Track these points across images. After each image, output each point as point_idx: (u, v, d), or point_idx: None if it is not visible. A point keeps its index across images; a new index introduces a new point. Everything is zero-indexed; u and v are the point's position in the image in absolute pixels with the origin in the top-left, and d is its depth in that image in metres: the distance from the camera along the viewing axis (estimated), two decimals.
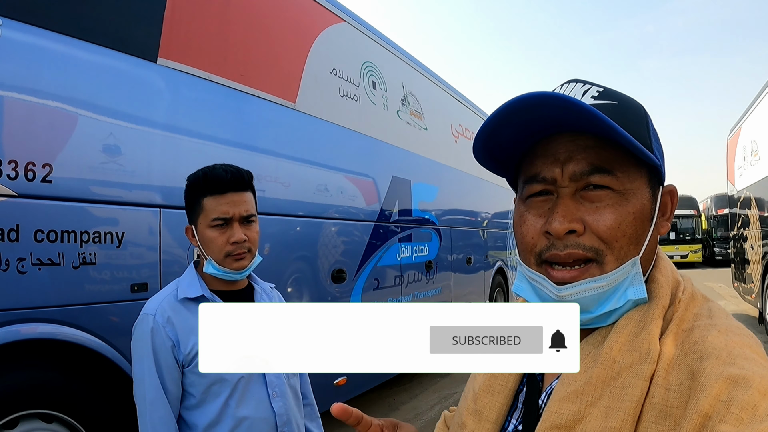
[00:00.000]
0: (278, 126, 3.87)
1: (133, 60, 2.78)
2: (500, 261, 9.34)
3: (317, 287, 4.24)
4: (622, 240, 0.71)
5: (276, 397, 1.75)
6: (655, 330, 0.69)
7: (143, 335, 1.63)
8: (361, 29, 5.13)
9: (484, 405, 0.83)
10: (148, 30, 2.87)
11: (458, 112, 7.78)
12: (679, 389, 0.63)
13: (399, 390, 6.35)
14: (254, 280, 1.93)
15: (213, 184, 1.70)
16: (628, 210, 0.71)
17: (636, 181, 0.73)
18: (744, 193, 10.56)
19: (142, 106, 2.82)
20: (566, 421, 0.68)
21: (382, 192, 5.27)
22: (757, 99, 9.42)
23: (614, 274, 0.70)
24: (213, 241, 1.70)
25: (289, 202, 3.94)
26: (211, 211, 1.69)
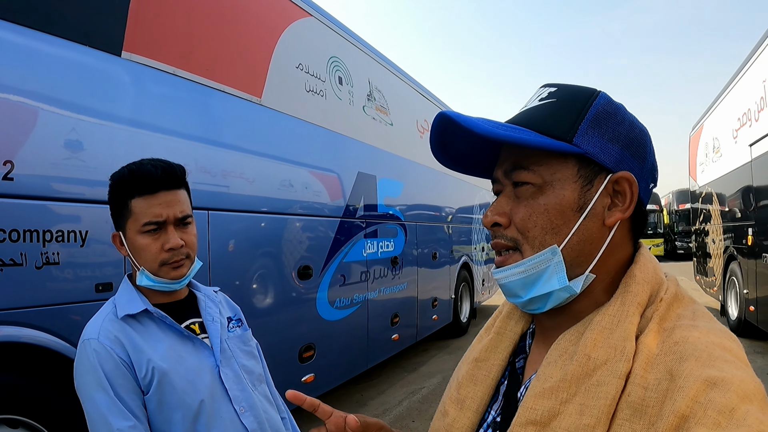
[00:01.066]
0: (244, 121, 3.82)
1: (97, 53, 2.70)
2: (465, 256, 9.44)
3: (283, 284, 4.22)
4: (534, 230, 0.75)
5: (245, 413, 1.58)
6: (630, 327, 0.69)
7: (90, 364, 1.40)
8: (328, 24, 5.10)
9: (466, 394, 0.85)
10: (112, 23, 2.79)
11: (424, 108, 7.82)
12: (656, 389, 0.63)
13: (366, 386, 6.37)
14: (195, 287, 1.73)
15: (142, 182, 1.48)
16: (540, 202, 0.75)
17: (558, 173, 0.75)
18: (706, 188, 10.87)
19: (106, 100, 2.75)
20: (541, 417, 0.68)
21: (348, 188, 5.26)
22: (719, 97, 9.73)
23: (531, 260, 0.75)
24: (146, 248, 1.50)
25: (254, 198, 3.91)
26: (142, 214, 1.48)
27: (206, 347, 1.59)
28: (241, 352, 1.69)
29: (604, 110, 0.75)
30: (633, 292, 0.72)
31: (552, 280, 0.74)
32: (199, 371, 1.53)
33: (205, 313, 1.66)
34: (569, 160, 0.75)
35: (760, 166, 7.18)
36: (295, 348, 4.33)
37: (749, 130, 7.66)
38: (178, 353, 1.51)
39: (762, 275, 7.23)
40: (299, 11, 4.61)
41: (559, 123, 0.75)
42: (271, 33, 4.20)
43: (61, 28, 2.53)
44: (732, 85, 8.76)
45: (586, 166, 0.75)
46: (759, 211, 7.35)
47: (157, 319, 1.53)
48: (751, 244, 7.68)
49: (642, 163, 0.77)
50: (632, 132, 0.76)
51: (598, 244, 0.75)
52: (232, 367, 1.62)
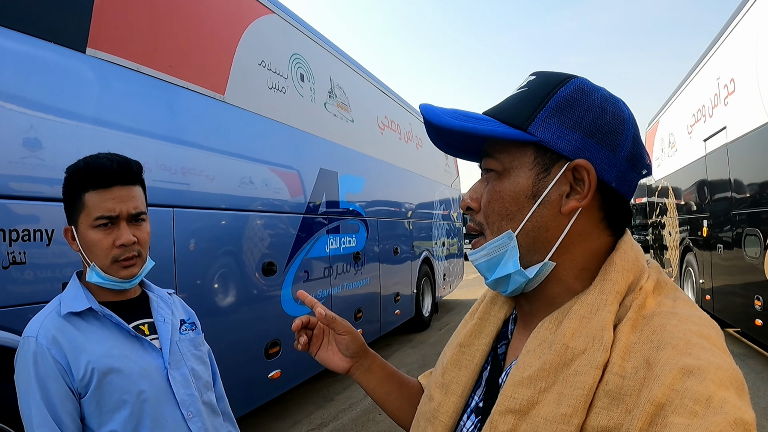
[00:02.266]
0: (207, 118, 3.80)
1: (61, 50, 2.66)
2: (426, 251, 9.53)
3: (248, 281, 4.21)
4: (493, 216, 0.79)
5: (192, 418, 1.55)
6: (608, 316, 0.69)
7: (25, 363, 1.37)
8: (290, 21, 5.10)
9: (451, 378, 0.86)
10: (77, 19, 2.75)
11: (384, 105, 7.87)
12: (634, 377, 0.63)
13: (332, 381, 6.41)
14: (148, 288, 1.69)
15: (96, 176, 1.45)
16: (496, 189, 0.78)
17: (516, 161, 0.76)
18: (662, 182, 11.15)
19: (70, 97, 2.70)
20: (520, 405, 0.69)
21: (310, 184, 5.27)
22: (674, 93, 10.01)
23: (490, 244, 0.78)
24: (97, 243, 1.46)
25: (219, 196, 3.90)
26: (94, 208, 1.45)
27: (154, 348, 1.56)
28: (192, 355, 1.66)
29: (570, 97, 0.75)
30: (611, 280, 0.72)
31: (508, 264, 0.76)
32: (145, 372, 1.49)
33: (157, 314, 1.62)
34: (527, 148, 0.76)
35: (714, 161, 7.40)
36: (261, 344, 4.34)
37: (704, 125, 7.88)
38: (123, 353, 1.47)
39: (717, 266, 7.44)
40: (262, 8, 4.60)
41: (520, 112, 0.76)
42: (234, 30, 4.18)
43: (25, 24, 2.49)
44: (687, 82, 9.00)
45: (543, 154, 0.75)
46: (713, 203, 7.56)
47: (103, 317, 1.49)
48: (706, 235, 7.92)
49: (613, 150, 0.74)
50: (601, 119, 0.74)
51: (556, 232, 0.75)
52: (181, 370, 1.58)
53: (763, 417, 4.88)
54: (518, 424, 0.68)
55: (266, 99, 4.55)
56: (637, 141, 0.77)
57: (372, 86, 7.45)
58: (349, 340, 1.06)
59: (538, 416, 0.67)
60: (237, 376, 3.94)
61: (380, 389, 1.09)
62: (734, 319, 6.96)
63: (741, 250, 6.30)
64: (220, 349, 3.72)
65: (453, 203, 11.67)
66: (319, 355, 1.10)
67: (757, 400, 5.28)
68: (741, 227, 6.33)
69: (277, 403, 5.42)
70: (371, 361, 1.09)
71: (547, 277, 0.77)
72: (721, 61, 7.12)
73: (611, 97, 0.77)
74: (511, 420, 0.69)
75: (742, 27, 6.28)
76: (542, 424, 0.66)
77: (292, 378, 4.86)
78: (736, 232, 6.53)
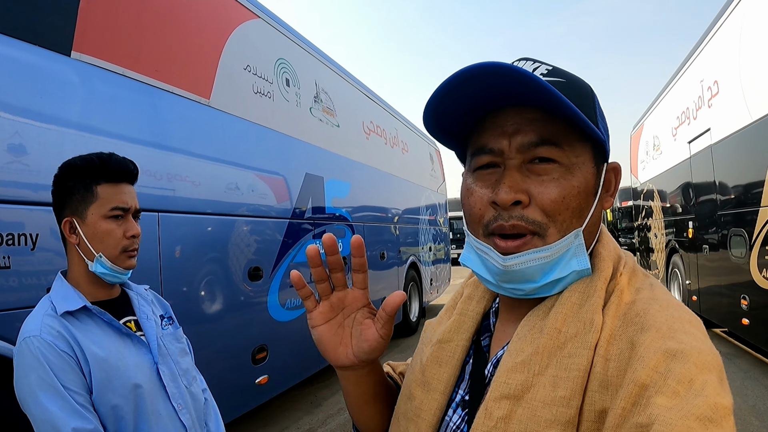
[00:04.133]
0: (193, 123, 3.78)
1: (46, 53, 2.64)
2: (413, 256, 9.54)
3: (234, 286, 4.19)
4: (565, 213, 0.72)
5: (182, 410, 1.62)
6: (598, 302, 0.70)
7: (34, 362, 1.36)
8: (276, 26, 5.10)
9: (432, 376, 0.84)
10: (62, 22, 2.73)
11: (370, 110, 7.88)
12: (618, 359, 0.64)
13: (321, 386, 6.39)
14: (127, 286, 1.73)
15: (113, 170, 1.55)
16: (573, 184, 0.73)
17: (581, 156, 0.74)
18: (647, 185, 11.25)
19: (55, 101, 2.68)
20: (515, 390, 0.69)
21: (296, 189, 5.27)
22: (659, 96, 10.11)
23: (557, 245, 0.72)
24: (110, 233, 1.52)
25: (203, 201, 3.87)
26: (109, 199, 1.53)
27: (144, 344, 1.61)
28: (176, 349, 1.73)
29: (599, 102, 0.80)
30: (599, 269, 0.74)
31: (572, 262, 0.73)
32: (139, 368, 1.54)
33: (140, 312, 1.67)
34: (587, 145, 0.75)
35: (699, 163, 7.49)
36: (248, 350, 4.32)
37: (688, 127, 7.97)
38: (118, 350, 1.51)
39: (703, 267, 7.52)
40: (247, 13, 4.60)
41: (585, 105, 0.75)
42: (220, 34, 4.18)
43: (9, 27, 2.47)
44: (671, 85, 9.10)
45: (598, 152, 0.77)
46: (699, 205, 7.63)
47: (96, 316, 1.52)
48: (691, 237, 7.99)
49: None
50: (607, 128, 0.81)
51: (598, 227, 0.80)
52: (168, 365, 1.65)
53: (752, 414, 4.94)
54: (514, 409, 0.68)
55: (252, 104, 4.55)
56: None
57: (357, 91, 7.46)
58: (377, 347, 0.84)
59: (535, 400, 0.67)
60: (224, 382, 3.92)
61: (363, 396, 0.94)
62: (721, 319, 7.03)
63: (727, 251, 6.37)
64: (207, 355, 3.71)
65: (439, 208, 11.69)
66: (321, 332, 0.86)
67: (745, 399, 5.35)
68: (726, 228, 6.40)
69: (265, 409, 5.40)
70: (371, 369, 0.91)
71: None
72: (705, 63, 7.20)
73: None
74: (506, 405, 0.69)
75: (726, 29, 6.38)
76: (540, 408, 0.66)
77: (280, 383, 4.84)
78: (721, 233, 6.60)
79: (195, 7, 3.94)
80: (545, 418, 0.65)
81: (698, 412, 0.53)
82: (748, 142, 5.76)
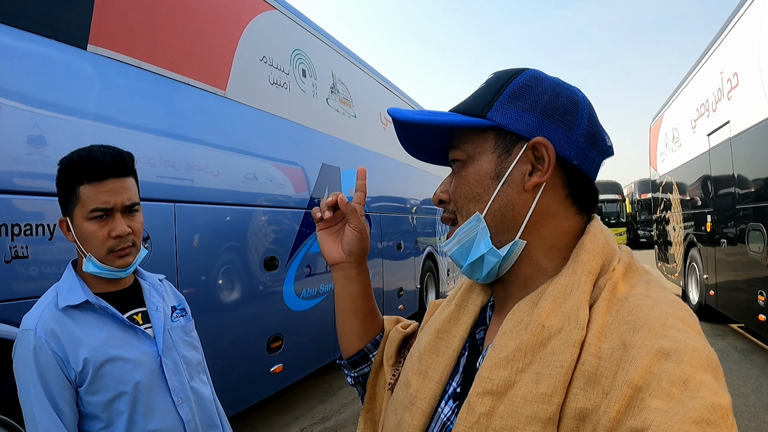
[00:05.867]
0: (209, 114, 3.82)
1: (63, 47, 2.68)
2: (430, 246, 9.53)
3: (250, 275, 4.24)
4: (461, 200, 0.82)
5: (182, 404, 1.61)
6: (583, 296, 0.69)
7: (25, 355, 1.42)
8: (291, 17, 5.11)
9: (428, 365, 0.86)
10: (78, 16, 2.77)
11: (387, 100, 7.86)
12: (610, 358, 0.62)
13: (335, 375, 6.43)
14: (140, 275, 1.75)
15: (90, 169, 1.49)
16: (463, 174, 0.82)
17: (479, 147, 0.80)
18: (666, 178, 11.10)
19: (72, 94, 2.73)
20: (497, 386, 0.69)
21: (312, 179, 5.29)
22: (679, 88, 9.92)
23: (462, 229, 0.81)
24: (92, 235, 1.49)
25: (220, 191, 3.91)
26: (90, 200, 1.48)
27: (148, 337, 1.61)
28: (183, 342, 1.72)
29: (524, 84, 0.79)
30: (583, 260, 0.73)
31: (480, 245, 0.79)
32: (140, 361, 1.55)
33: (149, 303, 1.68)
34: (488, 134, 0.80)
35: (718, 155, 7.38)
36: (263, 338, 4.37)
37: (707, 120, 7.84)
38: (119, 343, 1.52)
39: (721, 261, 7.40)
40: (263, 4, 4.61)
41: (478, 102, 0.80)
42: (236, 26, 4.20)
43: (27, 21, 2.51)
44: (691, 77, 8.94)
45: (503, 137, 0.78)
46: (717, 198, 7.51)
47: (99, 308, 1.53)
48: (710, 230, 7.87)
49: (570, 129, 0.77)
50: (555, 101, 0.78)
51: (522, 210, 0.77)
52: (173, 358, 1.64)
53: (767, 412, 4.88)
54: (496, 405, 0.68)
55: (268, 95, 4.57)
56: (594, 121, 0.80)
57: (374, 81, 7.44)
58: (355, 238, 1.06)
59: (517, 396, 0.67)
60: (239, 371, 3.98)
61: (350, 301, 1.10)
62: (738, 315, 6.93)
63: (745, 246, 6.27)
64: (222, 344, 3.77)
65: None
66: (322, 234, 1.11)
67: (760, 396, 5.28)
68: (745, 222, 6.30)
69: (279, 398, 5.46)
70: (359, 273, 1.10)
71: (518, 258, 0.79)
72: (725, 55, 7.06)
73: (564, 83, 0.81)
74: (488, 401, 0.69)
75: (745, 21, 6.24)
76: (521, 404, 0.66)
77: (294, 372, 4.89)
78: (739, 228, 6.50)
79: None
80: (525, 414, 0.65)
81: (695, 414, 0.52)
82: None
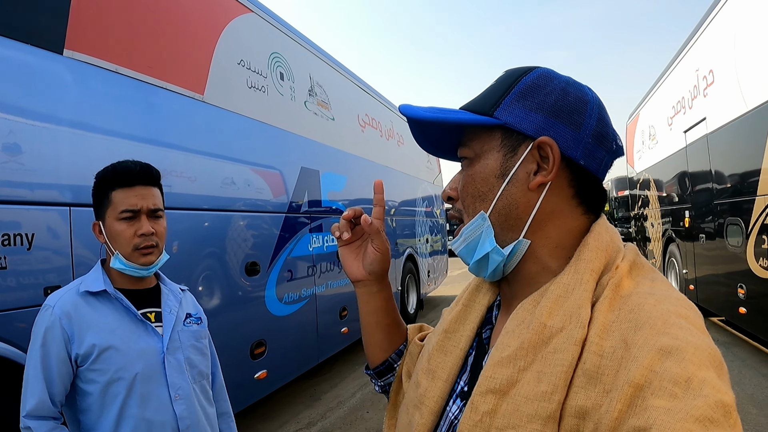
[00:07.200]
0: (187, 119, 3.77)
1: (38, 51, 2.62)
2: (410, 248, 9.53)
3: (231, 281, 4.19)
4: (468, 199, 0.83)
5: (179, 400, 1.73)
6: (585, 294, 0.69)
7: (40, 324, 1.63)
8: (269, 20, 5.08)
9: (436, 364, 0.87)
10: (54, 20, 2.71)
11: (364, 102, 7.86)
12: (612, 356, 0.62)
13: (319, 380, 6.40)
14: (162, 281, 1.92)
15: (122, 176, 1.71)
16: (470, 173, 0.82)
17: (486, 145, 0.81)
18: (643, 175, 11.26)
19: (48, 100, 2.67)
20: (500, 385, 0.69)
21: (292, 183, 5.26)
22: (655, 86, 10.09)
23: (468, 227, 0.82)
24: (121, 233, 1.70)
25: (199, 197, 3.87)
26: (120, 203, 1.69)
27: (156, 334, 1.75)
28: (191, 346, 1.85)
29: (532, 83, 0.78)
30: (585, 259, 0.73)
31: (485, 243, 0.79)
32: (144, 353, 1.69)
33: (165, 305, 1.83)
34: (495, 133, 0.80)
35: (695, 152, 7.49)
36: (247, 345, 4.33)
37: (684, 117, 7.98)
38: (126, 334, 1.68)
39: (700, 256, 7.53)
40: (240, 7, 4.57)
41: (487, 101, 0.81)
42: (213, 29, 4.16)
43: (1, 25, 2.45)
44: (667, 75, 9.08)
45: (509, 136, 0.78)
46: (695, 194, 7.65)
47: (115, 300, 1.71)
48: (688, 226, 8.01)
49: (577, 129, 0.77)
50: (563, 100, 0.77)
51: (527, 209, 0.77)
52: (177, 357, 1.77)
53: (750, 403, 4.98)
54: (499, 404, 0.69)
55: (246, 98, 4.53)
56: (603, 121, 0.79)
57: (352, 84, 7.43)
58: (377, 259, 1.04)
59: (519, 395, 0.67)
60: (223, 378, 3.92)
61: (373, 315, 1.10)
62: (718, 308, 7.05)
63: (723, 240, 6.38)
64: None
65: (436, 200, 11.68)
66: (344, 251, 1.09)
67: (743, 387, 5.39)
68: (723, 217, 6.42)
69: (264, 404, 5.41)
70: (380, 288, 1.09)
71: (523, 257, 0.79)
72: (701, 52, 7.18)
73: (574, 83, 0.80)
74: (491, 400, 0.69)
75: (721, 18, 6.36)
76: (523, 403, 0.66)
77: (279, 378, 4.85)
78: (718, 222, 6.62)
79: (188, 2, 3.92)
80: (527, 412, 0.65)
81: (698, 413, 0.52)
82: (744, 131, 5.76)
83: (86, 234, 2.74)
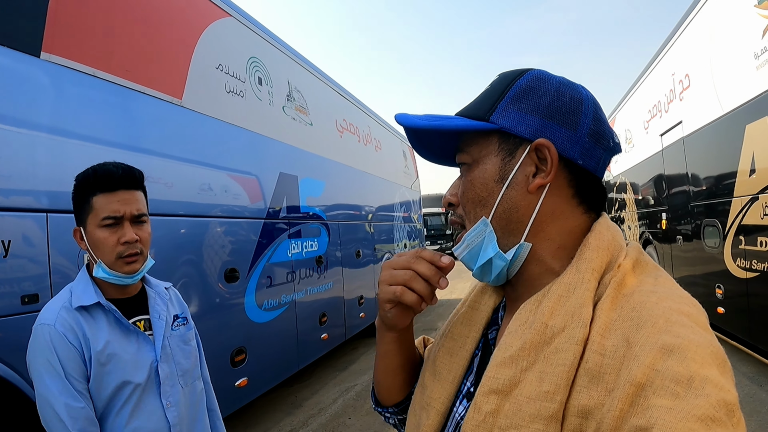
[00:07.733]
0: (165, 123, 3.71)
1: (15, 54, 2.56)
2: (388, 253, 9.52)
3: (210, 288, 4.14)
4: (468, 205, 0.82)
5: (170, 407, 1.71)
6: (586, 293, 0.69)
7: (44, 347, 1.52)
8: (247, 24, 5.03)
9: (442, 366, 0.87)
10: (31, 22, 2.65)
11: (342, 108, 7.83)
12: (614, 355, 0.62)
13: (300, 387, 6.35)
14: (148, 282, 1.87)
15: (103, 180, 1.63)
16: (469, 178, 0.82)
17: (484, 150, 0.80)
18: (620, 178, 11.41)
19: (24, 104, 2.60)
20: (503, 386, 0.69)
21: (270, 188, 5.22)
22: (631, 90, 10.23)
23: (470, 234, 0.81)
24: (103, 241, 1.62)
25: (177, 203, 3.81)
26: (101, 209, 1.61)
27: (149, 342, 1.73)
28: (180, 350, 1.83)
29: (527, 86, 0.78)
30: (587, 258, 0.73)
31: (488, 249, 0.79)
32: (138, 363, 1.66)
33: (153, 311, 1.79)
34: (492, 137, 0.80)
35: (671, 155, 7.58)
36: (227, 352, 4.27)
37: (660, 120, 8.08)
38: (122, 345, 1.64)
39: (677, 257, 7.61)
40: (219, 11, 4.53)
41: (482, 106, 0.81)
42: (191, 33, 4.11)
43: None
44: (643, 79, 9.20)
45: (506, 140, 0.78)
46: (671, 197, 7.73)
47: (107, 311, 1.65)
48: (665, 228, 8.11)
49: (573, 128, 0.76)
50: (558, 101, 0.77)
51: (527, 212, 0.77)
52: (169, 365, 1.76)
53: None
54: (502, 404, 0.69)
55: (224, 103, 4.48)
56: (599, 119, 0.79)
57: (330, 89, 7.41)
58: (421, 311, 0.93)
59: (521, 395, 0.67)
60: None
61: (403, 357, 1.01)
62: None
63: (701, 241, 6.47)
64: None
65: (413, 205, 11.71)
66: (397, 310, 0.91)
67: None
68: (699, 219, 6.51)
69: (246, 412, 5.35)
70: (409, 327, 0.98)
71: (526, 259, 0.79)
72: (677, 56, 7.29)
73: (568, 82, 0.80)
74: (494, 400, 0.69)
75: (697, 22, 6.46)
76: (525, 403, 0.66)
77: (260, 385, 4.79)
78: (695, 224, 6.71)
79: (166, 6, 3.86)
80: (529, 412, 0.65)
81: (700, 412, 0.52)
82: (720, 134, 5.85)
83: (63, 241, 2.67)
